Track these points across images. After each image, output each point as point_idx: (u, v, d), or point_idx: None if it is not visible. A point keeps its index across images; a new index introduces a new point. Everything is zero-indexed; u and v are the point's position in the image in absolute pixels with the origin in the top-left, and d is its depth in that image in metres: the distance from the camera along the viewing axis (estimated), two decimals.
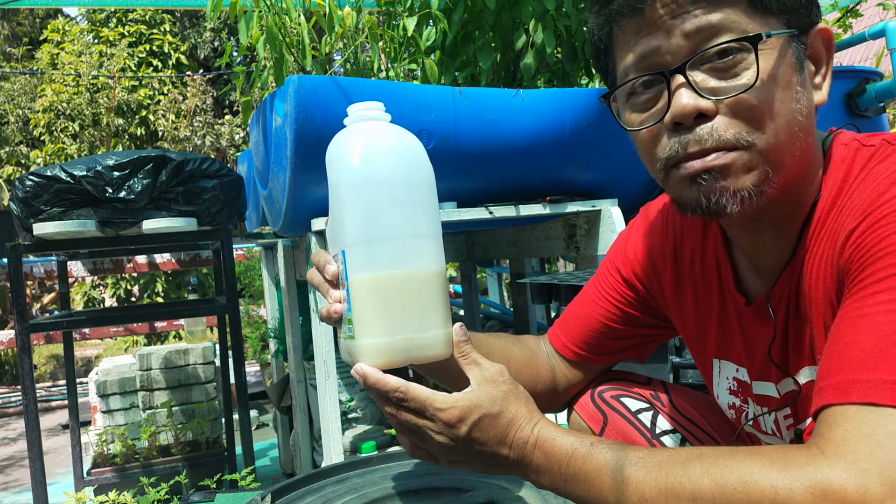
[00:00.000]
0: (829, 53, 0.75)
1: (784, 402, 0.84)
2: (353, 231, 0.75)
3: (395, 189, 0.74)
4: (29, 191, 2.01)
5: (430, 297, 0.76)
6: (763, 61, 0.68)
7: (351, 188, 0.75)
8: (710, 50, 0.68)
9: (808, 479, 0.56)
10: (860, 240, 0.66)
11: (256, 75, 2.36)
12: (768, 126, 0.69)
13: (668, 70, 0.70)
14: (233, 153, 8.66)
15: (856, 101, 2.29)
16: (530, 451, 0.72)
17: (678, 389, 1.09)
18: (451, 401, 0.72)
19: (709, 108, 0.69)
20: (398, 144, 0.77)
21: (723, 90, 0.69)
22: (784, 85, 0.70)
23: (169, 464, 2.72)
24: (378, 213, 0.74)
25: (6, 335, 4.27)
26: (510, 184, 2.12)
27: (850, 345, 0.61)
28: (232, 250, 2.31)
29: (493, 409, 0.73)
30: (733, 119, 0.69)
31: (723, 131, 0.69)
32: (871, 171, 0.70)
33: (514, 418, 0.73)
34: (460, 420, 0.71)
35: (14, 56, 10.64)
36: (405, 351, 0.75)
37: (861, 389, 0.58)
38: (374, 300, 0.74)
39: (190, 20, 11.14)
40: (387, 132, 0.77)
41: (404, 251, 0.74)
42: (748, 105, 0.68)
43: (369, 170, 0.74)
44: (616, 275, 1.01)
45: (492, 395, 0.73)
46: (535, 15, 2.37)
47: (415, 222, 0.75)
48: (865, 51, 6.83)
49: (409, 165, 0.76)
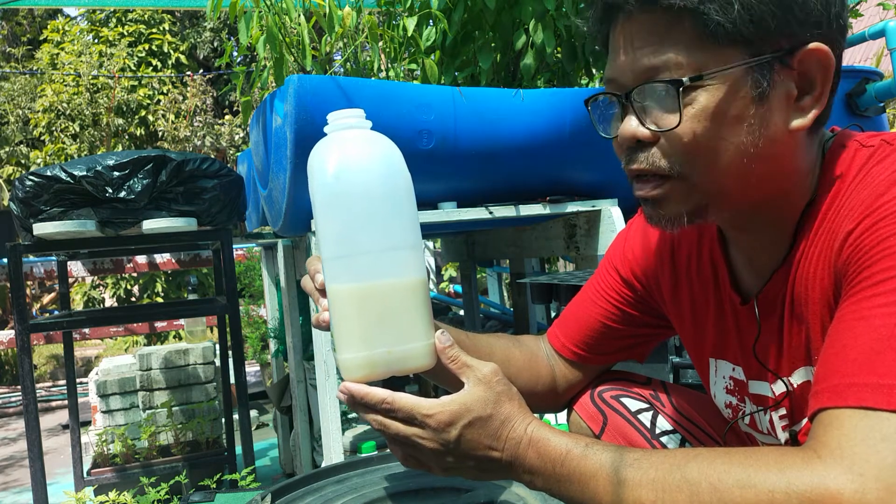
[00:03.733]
0: (826, 75, 0.71)
1: (779, 402, 0.84)
2: (327, 246, 0.74)
3: (370, 203, 0.73)
4: (29, 191, 2.01)
5: (410, 308, 0.75)
6: (705, 98, 0.69)
7: (325, 203, 0.74)
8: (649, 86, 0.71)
9: (805, 484, 0.56)
10: (858, 241, 0.66)
11: (256, 75, 2.36)
12: (702, 161, 0.71)
13: (622, 94, 0.74)
14: (233, 153, 8.66)
15: (856, 101, 2.29)
16: (523, 452, 0.72)
17: (678, 390, 1.09)
18: (439, 406, 0.71)
19: (646, 137, 0.73)
20: (374, 156, 0.75)
21: (659, 125, 0.72)
22: (730, 120, 0.70)
23: (169, 464, 2.72)
24: (352, 228, 0.73)
25: (6, 335, 4.27)
26: (510, 184, 2.12)
27: (847, 347, 0.61)
28: (232, 250, 2.31)
29: (484, 412, 0.72)
30: (668, 151, 0.72)
31: (657, 159, 0.73)
32: (870, 171, 0.70)
33: (506, 419, 0.73)
34: (450, 424, 0.71)
35: (14, 56, 10.63)
36: (385, 364, 0.74)
37: (857, 393, 0.58)
38: (351, 314, 0.74)
39: (190, 20, 11.14)
40: (363, 143, 0.76)
41: (380, 264, 0.73)
42: (679, 142, 0.71)
43: (342, 185, 0.73)
44: (615, 274, 1.02)
45: (483, 398, 0.73)
46: (535, 15, 2.37)
47: (391, 235, 0.74)
48: (865, 51, 6.83)
49: (384, 177, 0.75)
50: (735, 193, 0.74)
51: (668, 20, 0.69)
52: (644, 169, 0.74)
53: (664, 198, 0.74)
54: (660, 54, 0.70)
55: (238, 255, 4.68)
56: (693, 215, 0.75)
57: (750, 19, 0.67)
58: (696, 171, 0.72)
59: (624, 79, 0.74)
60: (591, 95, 0.80)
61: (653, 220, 0.78)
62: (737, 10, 0.66)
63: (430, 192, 2.04)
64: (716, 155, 0.71)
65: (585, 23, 0.81)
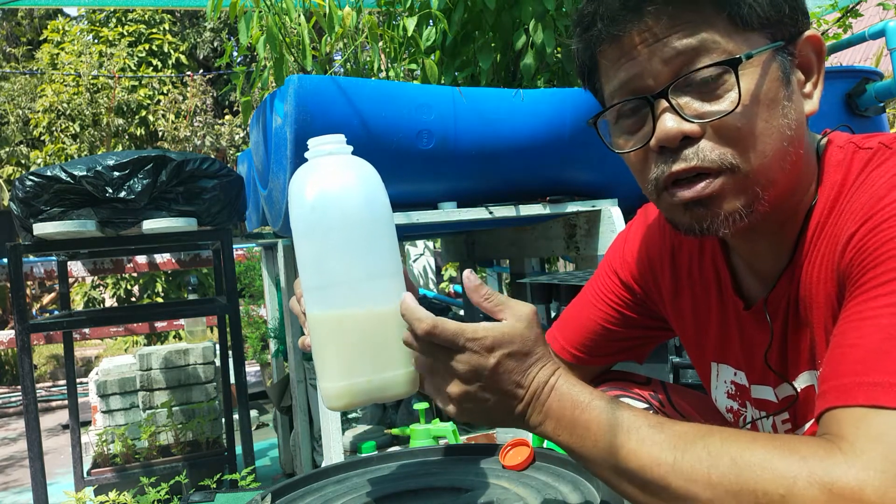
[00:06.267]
0: (820, 60, 0.74)
1: (782, 407, 0.84)
2: (305, 274, 0.74)
3: (346, 233, 0.72)
4: (29, 191, 2.01)
5: (388, 337, 0.73)
6: (746, 82, 0.68)
7: (301, 233, 0.73)
8: (691, 75, 0.68)
9: (828, 475, 0.55)
10: (861, 244, 0.66)
11: (256, 75, 2.36)
12: (754, 147, 0.69)
13: (651, 94, 0.70)
14: (233, 153, 8.66)
15: (856, 101, 2.29)
16: (546, 394, 0.69)
17: (678, 389, 1.09)
18: (484, 330, 0.68)
19: (693, 132, 0.69)
20: (351, 184, 0.74)
21: (707, 114, 0.69)
22: (769, 103, 0.69)
23: (169, 464, 2.72)
24: (329, 258, 0.72)
25: (6, 335, 4.27)
26: (510, 184, 2.12)
27: (854, 347, 0.61)
28: (232, 250, 2.31)
29: (524, 347, 0.69)
30: (718, 142, 0.69)
31: (708, 152, 0.69)
32: (870, 175, 0.70)
33: (538, 359, 0.70)
34: (491, 349, 0.68)
35: (14, 56, 10.64)
36: (365, 393, 0.74)
37: (867, 392, 0.58)
38: (329, 343, 0.73)
39: (190, 20, 11.14)
40: (341, 171, 0.74)
41: (358, 292, 0.72)
42: (732, 128, 0.68)
43: (317, 216, 0.72)
44: (614, 277, 1.01)
45: (525, 334, 0.70)
46: (535, 15, 2.37)
47: (368, 264, 0.73)
48: (865, 51, 6.83)
49: (361, 206, 0.73)
50: (779, 181, 0.72)
51: (693, 8, 0.68)
52: (695, 167, 0.70)
53: (719, 194, 0.70)
54: (692, 37, 0.68)
55: (238, 255, 4.68)
56: (748, 209, 0.71)
57: (771, 4, 0.69)
58: (749, 158, 0.69)
59: (650, 74, 0.70)
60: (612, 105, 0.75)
61: (705, 223, 0.72)
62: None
63: (430, 192, 2.04)
64: (765, 139, 0.69)
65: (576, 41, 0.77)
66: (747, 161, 0.69)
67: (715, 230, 0.72)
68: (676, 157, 0.70)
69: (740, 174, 0.70)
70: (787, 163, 0.71)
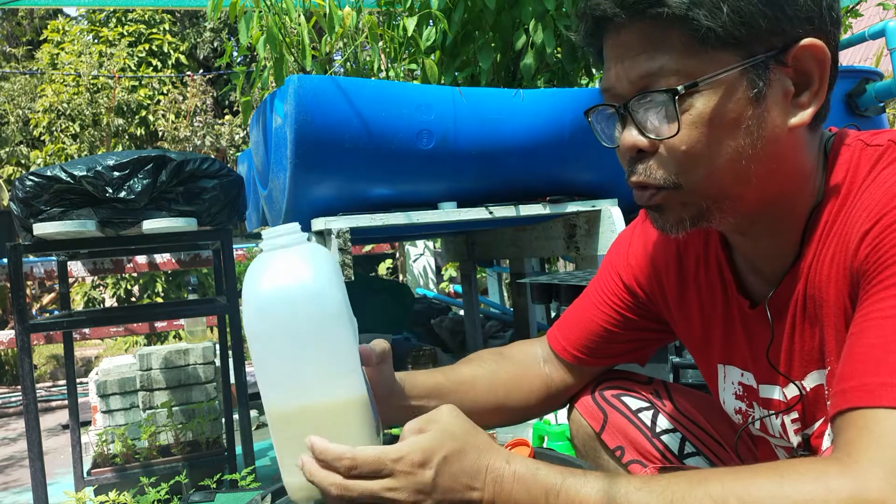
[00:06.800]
0: (823, 69, 0.70)
1: (791, 406, 0.84)
2: (258, 371, 0.74)
3: (296, 335, 0.71)
4: (29, 191, 2.01)
5: (346, 427, 0.72)
6: (702, 103, 0.68)
7: (250, 336, 0.73)
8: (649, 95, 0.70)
9: (848, 489, 0.53)
10: (877, 241, 0.65)
11: (256, 75, 2.36)
12: (699, 167, 0.71)
13: (620, 104, 0.74)
14: (233, 153, 8.66)
15: (856, 101, 2.29)
16: (508, 487, 0.66)
17: (679, 389, 1.09)
18: (407, 447, 0.65)
19: (645, 146, 0.72)
20: (301, 283, 0.71)
21: (659, 132, 0.71)
22: (727, 123, 0.69)
23: (169, 464, 2.72)
24: (278, 361, 0.72)
25: (6, 335, 4.27)
26: (510, 184, 2.12)
27: (875, 347, 0.60)
28: (232, 250, 2.31)
29: (459, 444, 0.67)
30: (666, 160, 0.72)
31: (654, 170, 0.73)
32: (881, 173, 0.69)
33: (482, 451, 0.67)
34: (423, 464, 0.65)
35: (14, 56, 10.64)
36: None
37: (892, 393, 0.56)
38: (284, 438, 0.73)
39: (190, 20, 11.14)
40: (291, 270, 0.72)
41: (311, 390, 0.72)
42: (677, 150, 0.71)
43: (266, 323, 0.71)
44: (617, 280, 1.01)
45: (453, 431, 0.68)
46: (535, 15, 2.37)
47: (319, 362, 0.72)
48: (865, 51, 6.83)
49: (310, 307, 0.71)
50: (737, 196, 0.73)
51: (658, 29, 0.69)
52: (641, 181, 0.74)
53: (663, 205, 0.75)
54: (653, 61, 0.69)
55: (238, 255, 4.67)
56: (696, 220, 0.75)
57: (741, 21, 0.66)
58: (692, 179, 0.71)
59: (620, 89, 0.73)
60: (591, 107, 0.79)
61: (657, 225, 0.78)
62: (726, 13, 0.66)
63: (430, 192, 2.04)
64: (712, 161, 0.70)
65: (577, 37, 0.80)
66: (691, 181, 0.72)
67: (666, 233, 0.77)
68: (633, 169, 0.75)
69: (684, 191, 0.73)
70: (752, 178, 0.72)
